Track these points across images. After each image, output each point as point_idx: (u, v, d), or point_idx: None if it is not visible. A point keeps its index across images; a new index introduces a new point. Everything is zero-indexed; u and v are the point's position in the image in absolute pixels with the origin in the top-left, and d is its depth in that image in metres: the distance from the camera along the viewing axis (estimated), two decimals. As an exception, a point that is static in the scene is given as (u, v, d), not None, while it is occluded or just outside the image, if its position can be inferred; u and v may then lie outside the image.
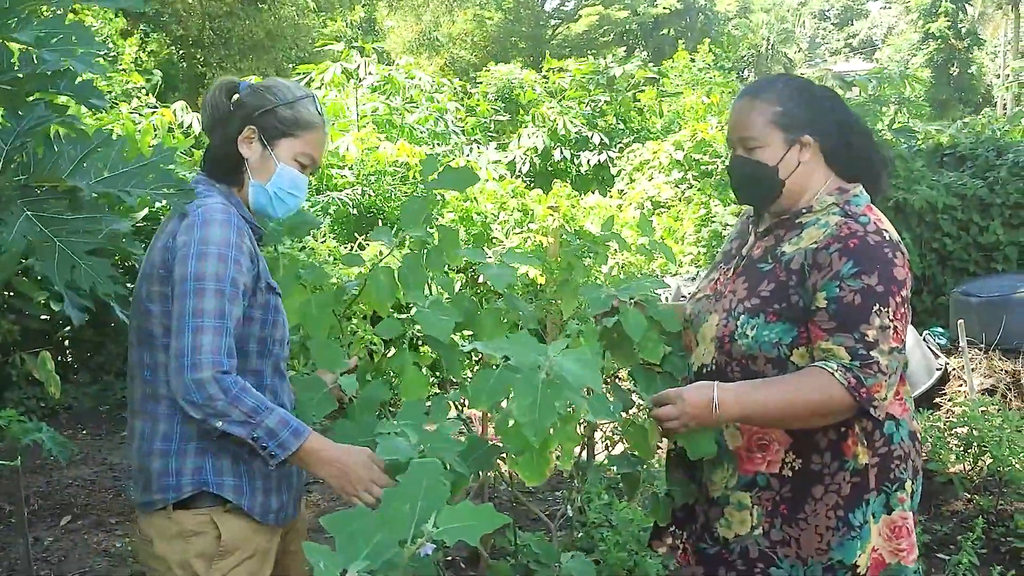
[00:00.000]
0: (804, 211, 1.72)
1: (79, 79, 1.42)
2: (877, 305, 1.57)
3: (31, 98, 1.42)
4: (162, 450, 1.58)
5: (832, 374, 1.55)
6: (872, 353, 1.56)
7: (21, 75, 1.37)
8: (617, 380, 2.57)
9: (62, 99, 1.52)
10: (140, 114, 6.68)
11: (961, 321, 5.11)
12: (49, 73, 1.40)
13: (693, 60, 12.22)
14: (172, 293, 1.54)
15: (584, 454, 2.07)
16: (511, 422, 1.50)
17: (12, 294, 4.23)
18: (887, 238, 1.64)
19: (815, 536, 1.66)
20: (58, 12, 1.40)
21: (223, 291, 1.52)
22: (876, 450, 1.66)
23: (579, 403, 1.50)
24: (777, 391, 1.59)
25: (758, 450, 1.69)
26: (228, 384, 1.48)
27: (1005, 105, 22.78)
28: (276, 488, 1.66)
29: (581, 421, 1.74)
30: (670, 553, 1.90)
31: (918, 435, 1.76)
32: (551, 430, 1.45)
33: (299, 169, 1.70)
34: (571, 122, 10.24)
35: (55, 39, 1.35)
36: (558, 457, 1.60)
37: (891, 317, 1.58)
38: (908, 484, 1.70)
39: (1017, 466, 3.76)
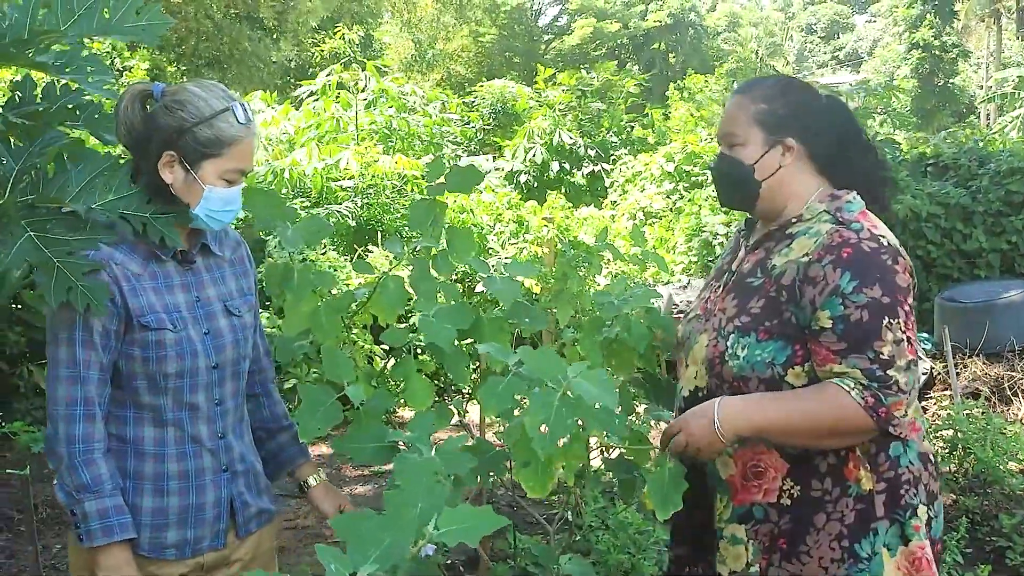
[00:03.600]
0: (794, 220, 1.61)
1: (96, 114, 1.44)
2: (886, 318, 1.46)
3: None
4: None
5: (849, 392, 1.45)
6: (890, 372, 1.45)
7: (42, 107, 1.40)
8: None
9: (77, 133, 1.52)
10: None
11: (945, 327, 5.23)
12: (71, 107, 1.42)
13: (707, 83, 12.49)
14: None
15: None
16: (518, 433, 1.49)
17: (19, 307, 4.30)
18: (884, 244, 1.52)
19: (819, 570, 1.52)
20: (75, 44, 1.41)
21: (74, 339, 1.50)
22: (882, 474, 1.54)
23: (592, 423, 1.49)
24: (790, 406, 1.50)
25: (753, 478, 1.56)
26: (73, 449, 1.48)
27: (988, 115, 23.07)
28: (177, 522, 1.59)
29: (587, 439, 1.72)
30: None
31: (931, 456, 1.61)
32: (559, 444, 1.45)
33: (228, 185, 1.58)
34: (567, 133, 10.38)
35: (70, 68, 1.38)
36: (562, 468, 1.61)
37: (903, 329, 1.48)
38: (923, 510, 1.56)
39: (1000, 467, 3.84)
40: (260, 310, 1.85)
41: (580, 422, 1.47)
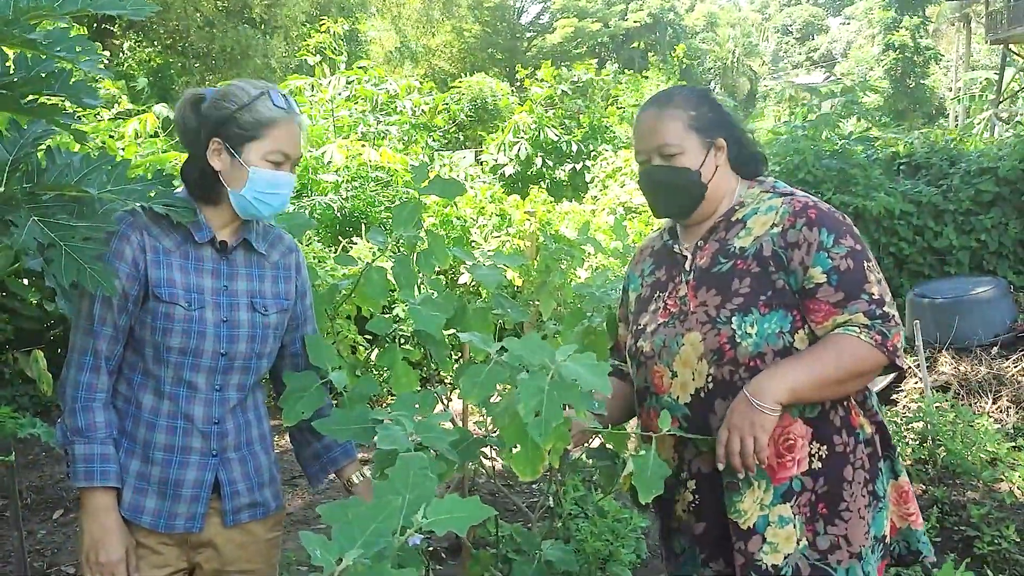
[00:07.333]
0: (736, 207, 1.70)
1: (72, 79, 1.45)
2: (866, 262, 1.58)
3: (26, 99, 1.46)
4: None
5: (858, 336, 1.53)
6: (885, 309, 1.56)
7: (16, 79, 1.41)
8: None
9: (55, 99, 1.53)
10: (122, 118, 6.77)
11: (917, 322, 5.34)
12: (44, 75, 1.43)
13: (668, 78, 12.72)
14: None
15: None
16: (509, 418, 1.52)
17: (5, 294, 4.29)
18: (831, 206, 1.67)
19: (859, 521, 1.57)
20: (62, 26, 1.44)
21: (95, 295, 1.59)
22: (871, 418, 1.65)
23: (580, 406, 1.52)
24: (812, 360, 1.54)
25: (787, 452, 1.57)
26: (76, 394, 1.60)
27: (957, 116, 23.49)
28: (157, 492, 1.64)
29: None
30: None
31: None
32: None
33: (273, 167, 1.65)
34: (553, 130, 10.45)
35: (60, 47, 1.39)
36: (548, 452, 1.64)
37: (878, 270, 1.61)
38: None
39: (969, 459, 3.93)
40: (313, 318, 1.89)
41: (569, 406, 1.49)
